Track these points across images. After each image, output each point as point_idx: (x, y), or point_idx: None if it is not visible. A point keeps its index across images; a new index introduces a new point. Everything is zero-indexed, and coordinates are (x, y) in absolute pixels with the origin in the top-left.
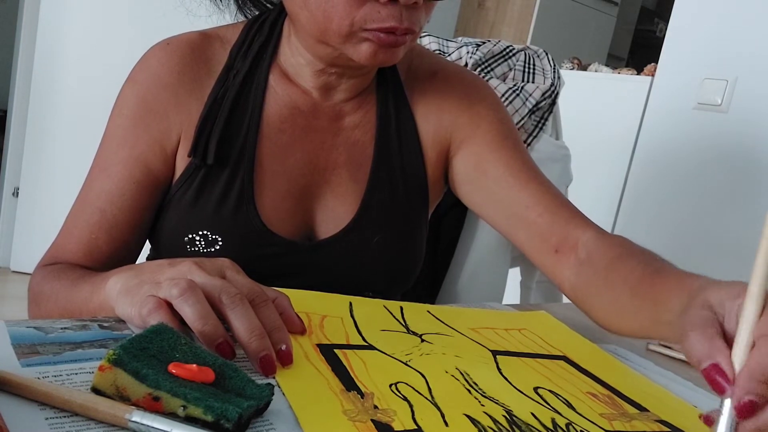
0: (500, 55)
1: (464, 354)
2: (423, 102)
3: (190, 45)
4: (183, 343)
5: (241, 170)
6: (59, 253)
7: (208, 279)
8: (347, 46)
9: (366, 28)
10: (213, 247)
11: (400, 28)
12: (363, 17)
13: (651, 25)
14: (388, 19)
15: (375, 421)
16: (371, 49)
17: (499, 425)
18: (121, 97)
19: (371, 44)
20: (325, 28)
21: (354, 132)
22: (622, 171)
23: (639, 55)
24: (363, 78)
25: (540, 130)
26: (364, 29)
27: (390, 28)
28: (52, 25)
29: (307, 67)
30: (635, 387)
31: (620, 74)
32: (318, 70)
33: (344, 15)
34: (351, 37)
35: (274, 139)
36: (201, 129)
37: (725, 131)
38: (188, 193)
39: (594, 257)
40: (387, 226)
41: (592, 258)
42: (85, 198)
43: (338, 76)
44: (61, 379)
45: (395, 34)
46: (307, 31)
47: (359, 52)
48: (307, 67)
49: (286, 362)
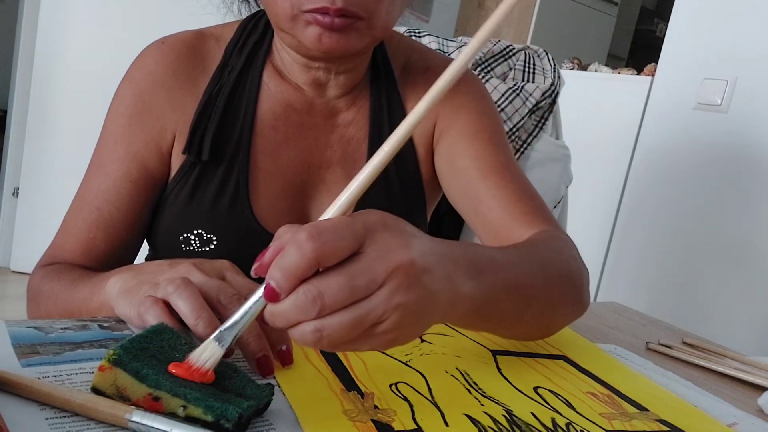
0: (500, 55)
1: (464, 354)
2: (414, 97)
3: (185, 43)
4: (183, 343)
5: (236, 168)
6: (58, 252)
7: (206, 280)
8: (297, 31)
9: (303, 9)
10: (208, 246)
11: (331, 9)
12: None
13: (651, 25)
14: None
15: (375, 421)
16: (316, 32)
17: (499, 425)
18: (117, 96)
19: (315, 27)
20: (274, 12)
21: (348, 129)
22: (622, 171)
23: (639, 55)
24: (353, 73)
25: (540, 129)
26: (303, 11)
27: (321, 9)
28: (52, 25)
29: (294, 63)
30: (635, 386)
31: (620, 74)
32: (303, 65)
33: None
34: (296, 21)
35: (268, 137)
36: (196, 126)
37: (725, 131)
38: (183, 191)
39: None
40: None
41: None
42: (83, 197)
43: (325, 71)
44: (61, 379)
45: (330, 15)
46: (271, 20)
47: (306, 37)
48: (294, 63)
49: (287, 362)
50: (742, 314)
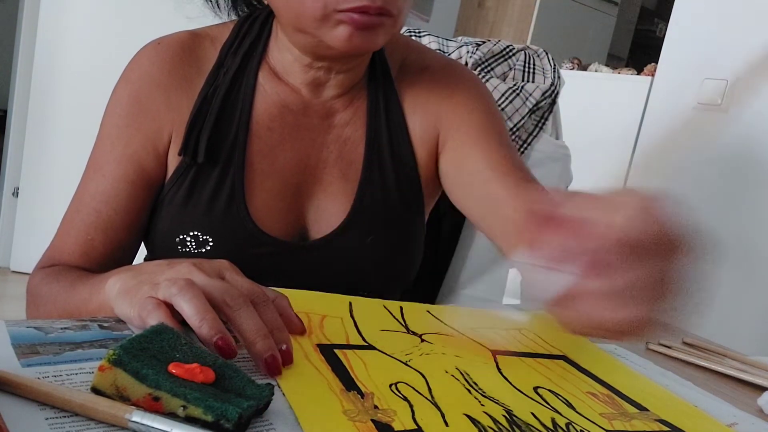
0: (500, 55)
1: (464, 354)
2: (411, 97)
3: (181, 44)
4: (183, 343)
5: (232, 169)
6: (56, 254)
7: (208, 280)
8: (323, 31)
9: (339, 9)
10: (204, 247)
11: (372, 7)
12: None
13: (651, 25)
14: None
15: (375, 421)
16: (346, 32)
17: (499, 425)
18: (113, 97)
19: (346, 27)
20: (300, 12)
21: (345, 129)
22: (622, 171)
23: (639, 55)
24: (352, 73)
25: (540, 129)
26: (337, 11)
27: (362, 7)
28: (52, 25)
29: (295, 63)
30: (635, 387)
31: (620, 74)
32: (305, 65)
33: None
34: (325, 21)
35: (263, 138)
36: (191, 127)
37: (725, 131)
38: (179, 192)
39: None
40: (380, 226)
41: None
42: (81, 199)
43: (326, 70)
44: (61, 379)
45: (369, 13)
46: (286, 20)
47: (335, 37)
48: (295, 63)
49: (287, 362)
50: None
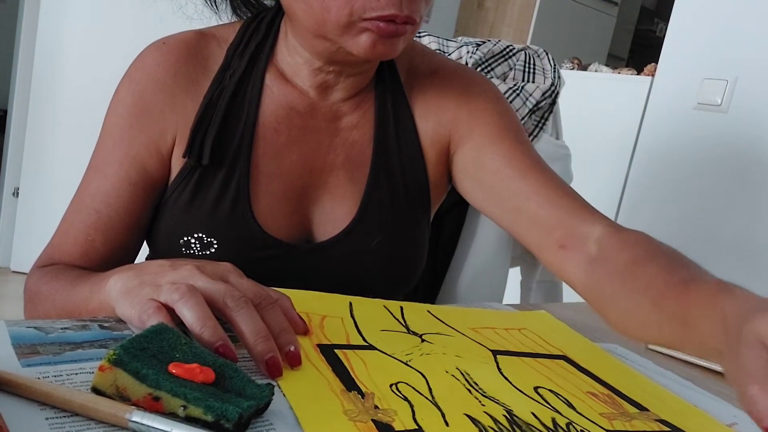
0: (500, 55)
1: (464, 354)
2: (422, 101)
3: (186, 44)
4: (183, 343)
5: (237, 171)
6: (55, 253)
7: (210, 283)
8: (346, 38)
9: (365, 17)
10: (208, 249)
11: (400, 16)
12: (362, 6)
13: (651, 25)
14: (387, 7)
15: (375, 421)
16: (370, 40)
17: (499, 425)
18: (116, 97)
19: (371, 35)
20: (323, 19)
21: (352, 132)
22: (622, 171)
23: (639, 55)
24: (361, 77)
25: (540, 129)
26: (363, 18)
27: (390, 16)
28: (52, 25)
29: (305, 65)
30: (635, 386)
31: (620, 74)
32: (316, 68)
33: (343, 4)
34: (350, 28)
35: (270, 140)
36: (196, 129)
37: (725, 131)
38: (183, 194)
39: (608, 256)
40: (387, 229)
41: (607, 257)
42: (82, 199)
43: (336, 74)
44: (61, 379)
45: (395, 22)
46: (305, 25)
47: (358, 44)
48: (304, 66)
49: (295, 363)
50: None
